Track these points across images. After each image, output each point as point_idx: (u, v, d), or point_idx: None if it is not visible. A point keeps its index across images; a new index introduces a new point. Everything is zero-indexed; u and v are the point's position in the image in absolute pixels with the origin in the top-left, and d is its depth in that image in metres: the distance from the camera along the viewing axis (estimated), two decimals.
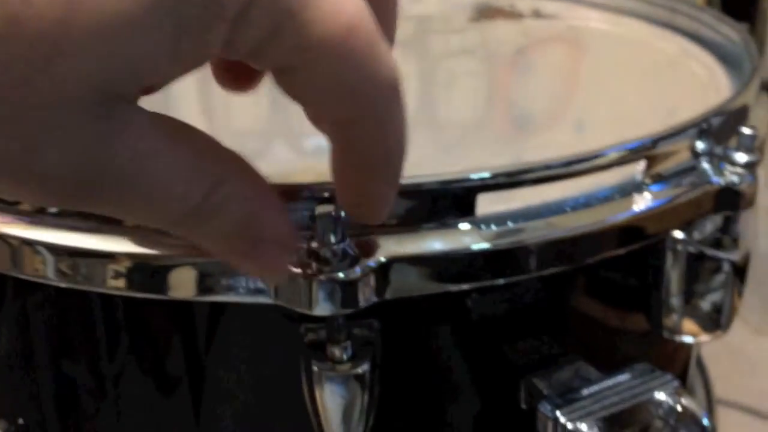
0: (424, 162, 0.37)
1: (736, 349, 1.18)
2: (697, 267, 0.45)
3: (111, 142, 0.25)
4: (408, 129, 0.30)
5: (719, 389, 1.06)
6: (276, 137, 0.55)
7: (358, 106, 0.28)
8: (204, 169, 0.28)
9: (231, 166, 0.29)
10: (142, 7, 0.24)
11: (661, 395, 0.42)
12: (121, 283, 0.38)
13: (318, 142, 0.34)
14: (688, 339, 0.47)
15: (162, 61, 0.25)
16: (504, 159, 0.49)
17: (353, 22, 0.27)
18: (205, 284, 0.38)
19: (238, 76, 0.36)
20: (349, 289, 0.36)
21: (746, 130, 0.43)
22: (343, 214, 0.35)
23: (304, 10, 0.26)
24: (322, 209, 0.35)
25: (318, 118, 0.32)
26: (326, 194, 0.36)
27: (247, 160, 0.30)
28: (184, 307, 0.42)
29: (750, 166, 0.43)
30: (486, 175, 0.38)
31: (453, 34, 0.75)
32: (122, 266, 0.38)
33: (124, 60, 0.24)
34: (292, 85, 0.28)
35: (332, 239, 0.35)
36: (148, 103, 0.28)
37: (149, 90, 0.30)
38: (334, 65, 0.27)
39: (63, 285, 0.39)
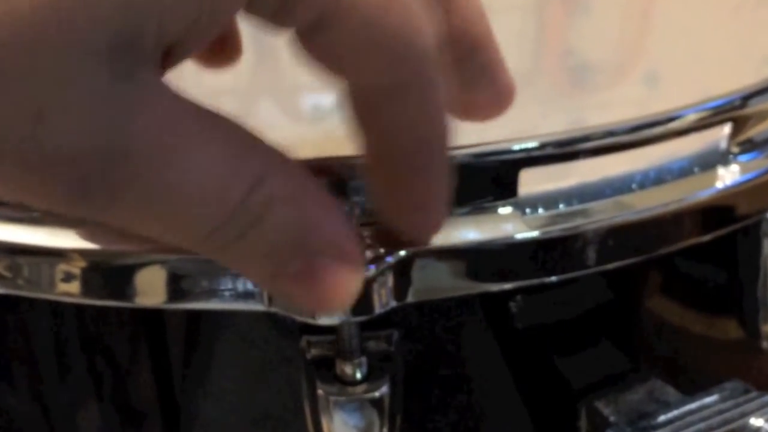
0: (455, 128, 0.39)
1: None
2: None
3: (133, 111, 0.27)
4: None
5: None
6: (261, 96, 0.56)
7: (401, 67, 0.30)
8: (241, 164, 0.29)
9: (271, 160, 0.30)
10: None
11: (758, 421, 0.43)
12: (74, 287, 0.40)
13: (316, 101, 0.35)
14: None
15: (188, 9, 0.27)
16: (557, 123, 0.50)
17: None
18: (179, 287, 0.39)
19: (217, 50, 0.39)
20: (361, 291, 0.37)
21: None
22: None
23: None
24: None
25: (352, 91, 0.34)
26: (336, 171, 0.38)
27: (288, 152, 0.31)
28: (153, 317, 0.44)
29: None
30: (532, 144, 0.40)
31: None
32: (75, 266, 0.40)
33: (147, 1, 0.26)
34: (323, 45, 0.30)
35: None
36: None
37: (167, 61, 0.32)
38: (377, 15, 0.29)
39: (0, 291, 0.41)
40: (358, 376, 0.40)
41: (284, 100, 0.54)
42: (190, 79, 0.30)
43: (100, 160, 0.27)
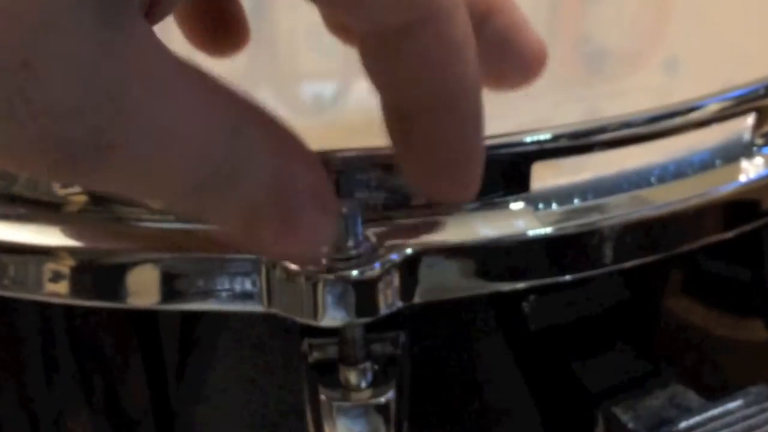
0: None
1: None
2: None
3: (120, 57, 0.27)
4: None
5: None
6: (259, 84, 0.56)
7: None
8: (220, 111, 0.30)
9: (247, 112, 0.31)
10: None
11: None
12: (62, 287, 0.40)
13: (317, 91, 0.35)
14: None
15: None
16: (571, 113, 0.50)
17: None
18: (173, 288, 0.40)
19: (218, 33, 0.39)
20: (366, 291, 0.38)
21: None
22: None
23: None
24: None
25: (370, 33, 0.33)
26: (338, 165, 0.39)
27: (265, 106, 0.31)
28: (146, 319, 0.44)
29: None
30: (545, 136, 0.40)
31: None
32: (64, 265, 0.40)
33: None
34: None
35: (344, 226, 0.37)
36: None
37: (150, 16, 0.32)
38: None
39: None
40: (363, 380, 0.40)
41: (283, 89, 0.54)
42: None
43: (90, 116, 0.27)
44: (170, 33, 0.38)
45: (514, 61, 0.36)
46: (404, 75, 0.32)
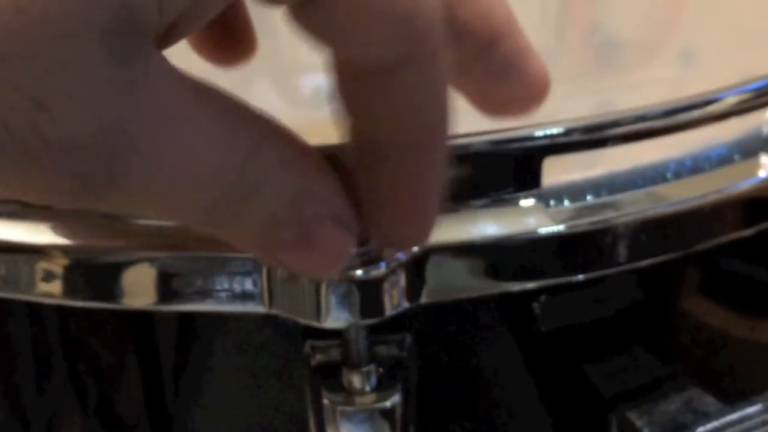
0: (469, 113, 0.39)
1: None
2: None
3: (135, 92, 0.28)
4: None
5: None
6: (257, 76, 0.56)
7: (406, 38, 0.30)
8: (236, 138, 0.30)
9: (264, 130, 0.31)
10: None
11: None
12: (55, 287, 0.40)
13: (318, 83, 0.34)
14: None
15: None
16: (583, 106, 0.50)
17: None
18: (170, 288, 0.40)
19: (225, 42, 0.39)
20: (371, 291, 0.37)
21: None
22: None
23: None
24: None
25: (344, 67, 0.34)
26: (339, 161, 0.38)
27: (281, 122, 0.32)
28: (142, 320, 0.44)
29: None
30: (556, 130, 0.40)
31: None
32: (57, 264, 0.40)
33: None
34: (319, 16, 0.30)
35: None
36: None
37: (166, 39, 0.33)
38: None
39: None
40: (368, 384, 0.40)
41: (282, 81, 0.53)
42: (179, 59, 0.30)
43: (104, 150, 0.28)
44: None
45: (517, 88, 0.36)
46: (382, 109, 0.32)
